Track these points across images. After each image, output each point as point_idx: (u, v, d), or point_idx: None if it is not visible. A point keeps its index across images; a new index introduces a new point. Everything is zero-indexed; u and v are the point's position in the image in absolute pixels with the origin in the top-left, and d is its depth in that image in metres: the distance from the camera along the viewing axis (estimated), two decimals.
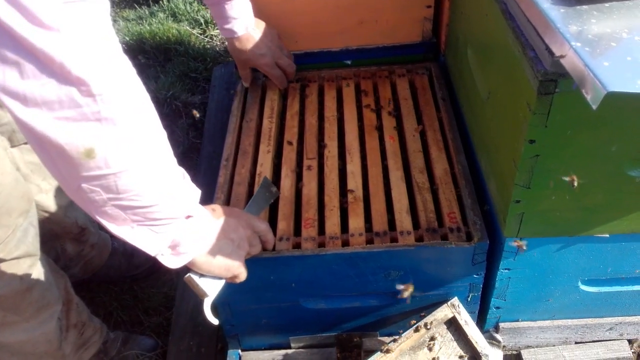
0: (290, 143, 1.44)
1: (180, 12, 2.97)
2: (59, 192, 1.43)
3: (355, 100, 1.57)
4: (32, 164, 1.34)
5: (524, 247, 1.14)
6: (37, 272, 1.22)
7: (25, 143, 1.31)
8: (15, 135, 1.28)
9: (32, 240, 1.19)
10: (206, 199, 1.78)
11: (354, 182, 1.33)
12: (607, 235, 1.13)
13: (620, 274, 1.24)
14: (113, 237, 1.60)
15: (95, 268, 1.68)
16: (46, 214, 1.42)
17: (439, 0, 1.60)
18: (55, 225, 1.49)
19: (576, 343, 1.40)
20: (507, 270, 1.22)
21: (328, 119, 1.51)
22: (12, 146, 1.29)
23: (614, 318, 1.35)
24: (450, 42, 1.58)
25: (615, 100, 0.71)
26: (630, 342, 1.40)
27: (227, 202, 1.30)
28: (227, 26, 1.46)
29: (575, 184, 1.02)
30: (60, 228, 1.51)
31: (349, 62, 1.70)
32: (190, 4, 3.01)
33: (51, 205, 1.42)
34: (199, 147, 2.15)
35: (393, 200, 1.28)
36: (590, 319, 1.35)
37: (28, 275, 1.19)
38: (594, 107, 0.72)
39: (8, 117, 1.22)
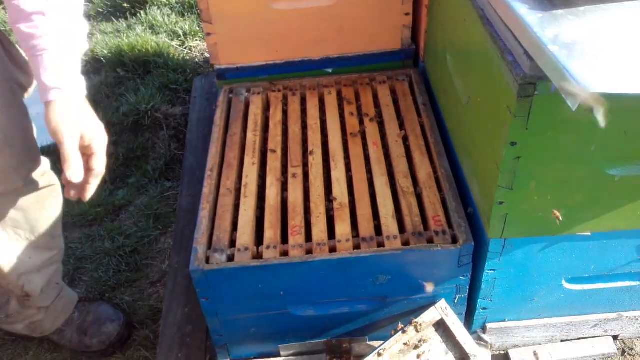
0: (274, 151, 1.45)
1: (159, 25, 2.96)
2: (15, 253, 1.34)
3: (337, 107, 1.58)
4: None
5: (560, 218, 1.12)
6: None
7: None
8: None
9: None
10: (191, 209, 1.79)
11: (339, 188, 1.34)
12: (589, 234, 1.16)
13: (603, 271, 1.26)
14: (76, 307, 1.57)
15: (44, 331, 1.57)
16: None
17: (417, 7, 1.63)
18: (1, 279, 1.42)
19: (562, 341, 1.42)
20: (492, 271, 1.23)
21: (311, 127, 1.52)
22: None
23: (598, 315, 1.38)
24: (429, 48, 1.60)
25: None
26: (614, 338, 1.43)
27: (213, 212, 1.30)
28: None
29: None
30: (6, 283, 1.43)
31: (329, 70, 1.71)
32: (168, 16, 3.01)
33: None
34: (182, 159, 2.14)
35: (378, 205, 1.29)
36: (575, 317, 1.37)
37: None
38: (573, 108, 0.75)
39: None
